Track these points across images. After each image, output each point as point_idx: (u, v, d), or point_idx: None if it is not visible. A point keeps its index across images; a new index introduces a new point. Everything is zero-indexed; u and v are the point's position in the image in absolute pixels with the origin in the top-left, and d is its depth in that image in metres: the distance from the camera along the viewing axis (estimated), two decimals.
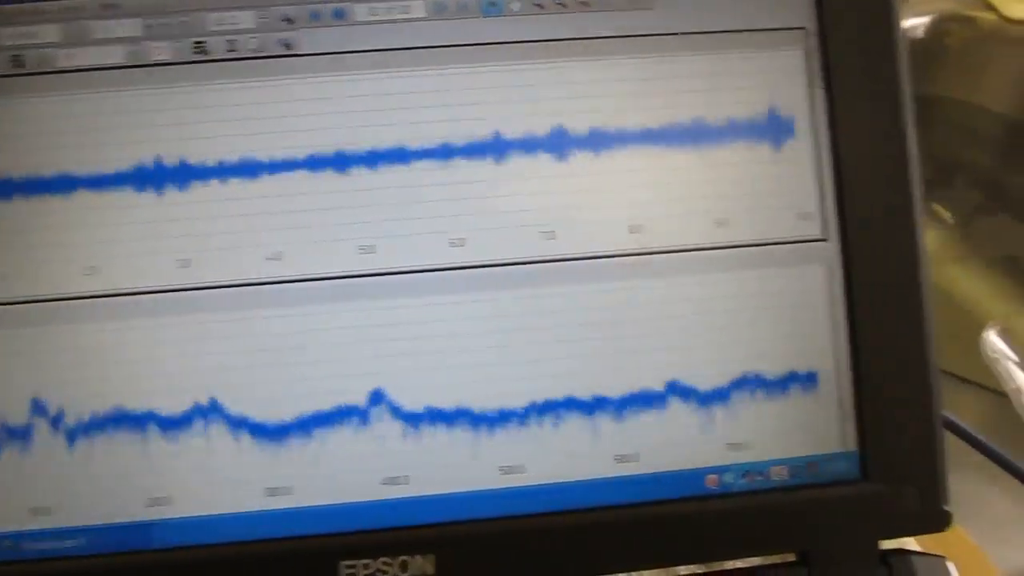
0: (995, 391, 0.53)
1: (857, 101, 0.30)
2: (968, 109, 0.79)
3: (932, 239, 0.83)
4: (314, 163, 0.28)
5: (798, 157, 0.30)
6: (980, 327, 0.57)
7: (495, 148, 0.29)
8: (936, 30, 0.76)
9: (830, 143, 0.30)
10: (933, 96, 0.80)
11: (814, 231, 0.30)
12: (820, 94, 0.30)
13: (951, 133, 0.83)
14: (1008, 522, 0.54)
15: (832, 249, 0.30)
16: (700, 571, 0.30)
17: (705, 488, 0.30)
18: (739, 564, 0.31)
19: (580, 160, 0.29)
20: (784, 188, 0.30)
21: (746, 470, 0.30)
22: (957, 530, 0.37)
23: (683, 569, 0.30)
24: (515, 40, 0.29)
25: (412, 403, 0.29)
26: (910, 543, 0.35)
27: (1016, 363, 0.49)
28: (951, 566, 0.31)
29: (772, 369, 0.30)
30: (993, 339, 0.48)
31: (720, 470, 0.30)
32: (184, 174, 0.28)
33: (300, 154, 0.28)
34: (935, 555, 0.31)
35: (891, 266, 0.30)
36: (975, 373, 0.56)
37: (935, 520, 0.30)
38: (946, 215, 0.83)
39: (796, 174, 0.30)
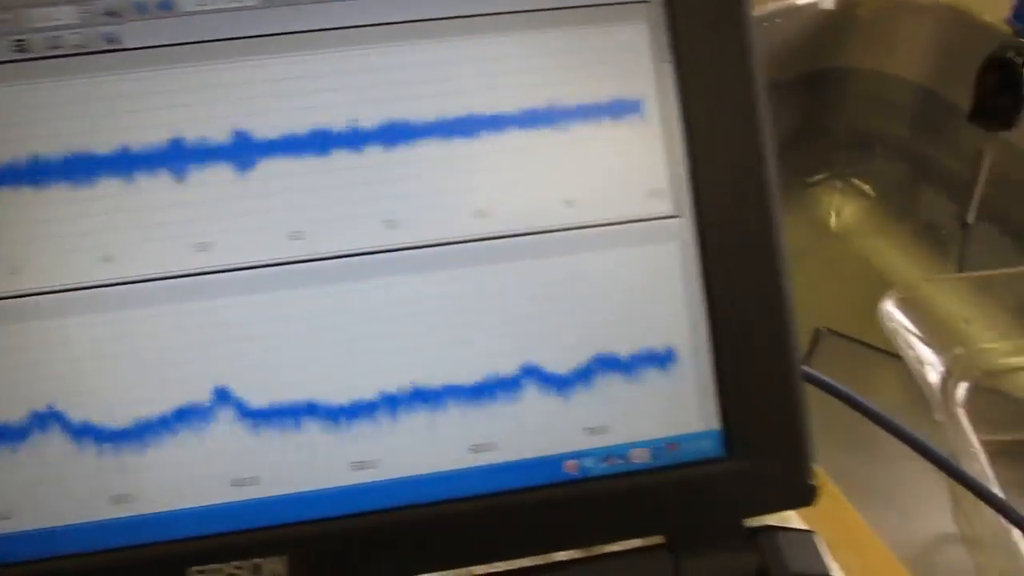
0: None
1: (706, 74, 0.30)
2: (882, 79, 0.79)
3: (853, 212, 0.83)
4: (143, 162, 0.27)
5: (647, 134, 0.29)
6: (933, 299, 0.57)
7: (328, 141, 0.28)
8: (846, 1, 0.76)
9: (679, 118, 0.29)
10: (846, 68, 0.80)
11: (666, 208, 0.29)
12: (667, 68, 0.30)
13: (866, 105, 0.83)
14: (902, 494, 0.55)
15: (685, 225, 0.29)
16: (563, 558, 0.30)
17: (564, 474, 0.29)
18: (606, 549, 0.30)
19: (420, 148, 0.28)
20: (633, 166, 0.29)
21: (606, 454, 0.29)
22: (842, 502, 0.37)
23: (547, 557, 0.30)
24: (347, 25, 0.28)
25: (258, 400, 0.28)
26: (793, 518, 0.35)
27: (914, 334, 0.49)
28: (820, 540, 0.31)
29: (628, 350, 0.29)
30: (890, 309, 0.48)
31: (579, 455, 0.29)
32: (7, 177, 0.27)
33: (129, 151, 0.27)
34: (803, 530, 0.31)
35: (747, 240, 0.30)
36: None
37: (801, 495, 0.30)
38: (866, 188, 0.83)
39: (645, 151, 0.29)
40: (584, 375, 0.29)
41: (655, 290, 0.29)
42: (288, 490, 0.28)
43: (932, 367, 0.49)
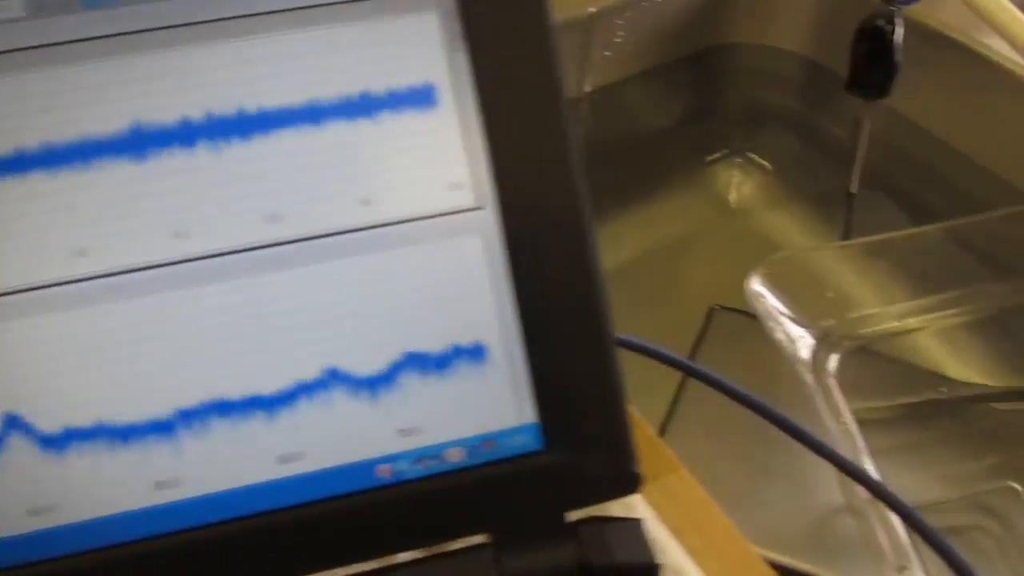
0: None
1: (502, 61, 0.29)
2: (767, 53, 0.79)
3: (752, 187, 0.83)
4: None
5: (443, 125, 0.29)
6: (802, 272, 0.57)
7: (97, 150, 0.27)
8: None
9: (477, 108, 0.29)
10: (731, 44, 0.80)
11: (467, 201, 0.29)
12: (461, 57, 0.29)
13: (756, 79, 0.83)
14: (801, 467, 0.55)
15: (489, 217, 0.29)
16: (378, 566, 0.29)
17: (377, 479, 0.29)
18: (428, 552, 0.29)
19: (206, 154, 0.27)
20: (431, 159, 0.29)
21: (419, 456, 0.29)
22: (691, 484, 0.37)
23: (361, 566, 0.29)
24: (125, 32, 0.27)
25: (51, 425, 0.27)
26: (639, 505, 0.35)
27: (781, 311, 0.49)
28: (647, 527, 0.30)
29: (436, 348, 0.29)
30: (755, 288, 0.48)
31: (391, 459, 0.29)
32: None
33: None
34: (629, 518, 0.30)
35: (554, 228, 0.29)
36: None
37: (625, 484, 0.30)
38: (764, 162, 0.84)
39: (443, 143, 0.29)
40: (392, 376, 0.28)
41: (461, 285, 0.29)
42: (86, 516, 0.27)
43: (802, 341, 0.49)
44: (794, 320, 0.49)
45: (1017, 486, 0.57)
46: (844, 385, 0.53)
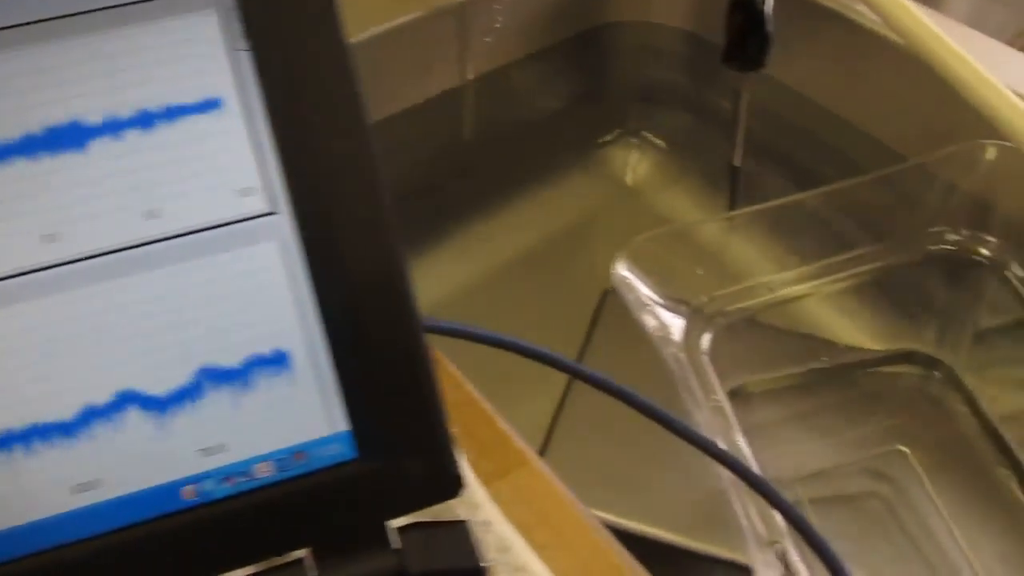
0: None
1: (289, 58, 0.28)
2: (651, 30, 0.79)
3: (647, 166, 0.83)
4: None
5: (229, 128, 0.28)
6: (670, 251, 0.56)
7: None
8: None
9: (264, 108, 0.28)
10: (616, 22, 0.80)
11: (260, 206, 0.28)
12: (244, 56, 0.28)
13: (643, 57, 0.83)
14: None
15: (284, 221, 0.28)
16: None
17: (182, 502, 0.27)
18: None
19: None
20: (219, 165, 0.27)
21: (226, 474, 0.28)
22: (544, 479, 0.36)
23: None
24: None
25: None
26: (485, 503, 0.34)
27: (648, 295, 0.48)
28: (473, 528, 0.29)
29: (236, 360, 0.27)
30: (620, 271, 0.47)
31: (196, 479, 0.27)
32: None
33: None
34: (455, 521, 0.29)
35: (355, 227, 0.28)
36: None
37: (446, 488, 0.29)
38: (657, 140, 0.83)
39: (230, 148, 0.28)
40: (190, 394, 0.27)
41: (259, 293, 0.28)
42: None
43: (673, 322, 0.49)
44: (663, 302, 0.49)
45: (905, 449, 0.57)
46: (723, 361, 0.53)
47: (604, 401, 0.55)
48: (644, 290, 0.48)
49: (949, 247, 0.54)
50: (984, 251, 0.54)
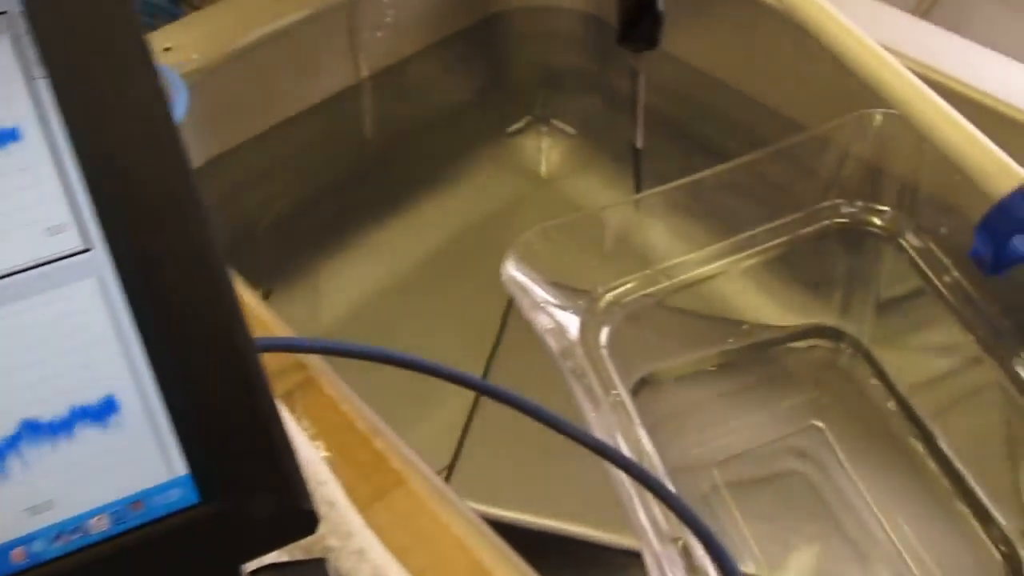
0: None
1: (91, 83, 0.26)
2: (548, 14, 0.78)
3: (559, 153, 0.82)
4: None
5: (32, 163, 0.26)
6: (562, 245, 0.55)
7: None
8: None
9: (69, 138, 0.26)
10: (516, 8, 0.78)
11: (72, 243, 0.26)
12: (43, 84, 0.26)
13: (546, 42, 0.81)
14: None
15: (100, 258, 0.26)
16: None
17: (11, 566, 0.26)
18: None
19: None
20: (24, 203, 0.26)
21: (57, 532, 0.26)
22: (421, 502, 0.35)
23: None
24: None
25: None
26: (359, 531, 0.33)
27: (539, 294, 0.47)
28: (335, 563, 0.28)
29: (58, 410, 0.26)
30: (510, 272, 0.46)
31: (26, 540, 0.26)
32: None
33: None
34: (312, 559, 0.28)
35: (178, 256, 0.26)
36: None
37: (300, 524, 0.27)
38: (567, 127, 0.82)
39: (35, 183, 0.26)
40: (12, 450, 0.25)
41: (81, 336, 0.26)
42: None
43: (568, 320, 0.47)
44: (555, 300, 0.47)
45: (820, 424, 0.57)
46: (630, 351, 0.52)
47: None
48: (535, 288, 0.46)
49: (844, 219, 0.53)
50: (878, 221, 0.53)
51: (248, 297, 0.43)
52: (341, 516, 0.33)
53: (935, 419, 0.53)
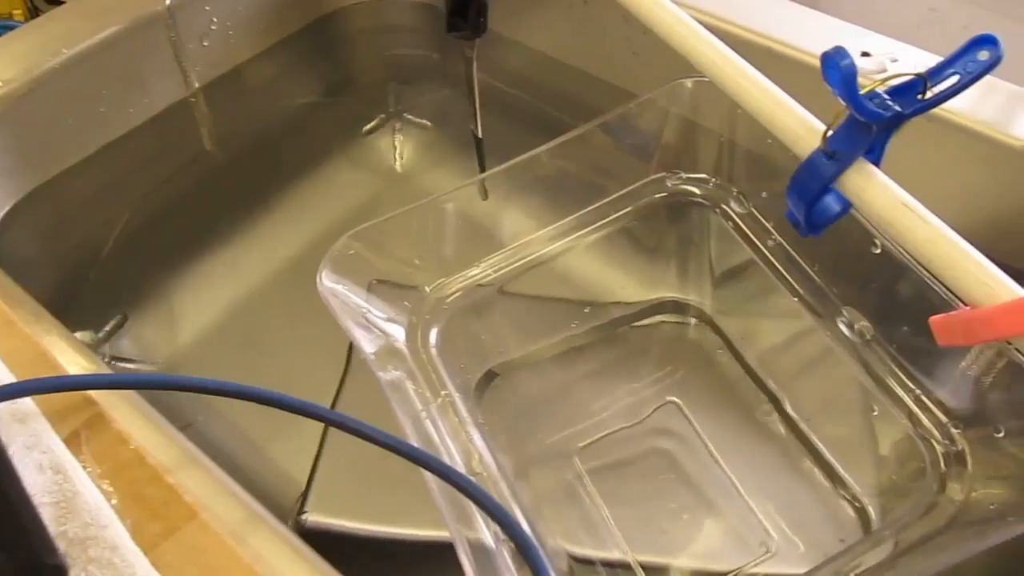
0: None
1: None
2: (385, 7, 0.76)
3: (414, 149, 0.80)
4: None
5: None
6: (424, 237, 0.53)
7: None
8: None
9: None
10: (345, 7, 0.76)
11: None
12: None
13: (384, 37, 0.80)
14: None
15: None
16: None
17: None
18: None
19: None
20: None
21: None
22: (214, 534, 0.33)
23: None
24: None
25: None
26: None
27: (354, 303, 0.45)
28: None
29: None
30: (325, 283, 0.44)
31: None
32: None
33: None
34: None
35: None
36: None
37: None
38: (423, 121, 0.80)
39: None
40: None
41: None
42: None
43: (391, 327, 0.46)
44: (376, 309, 0.46)
45: (676, 399, 0.56)
46: (464, 347, 0.50)
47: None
48: (352, 296, 0.45)
49: (670, 191, 0.52)
50: (701, 191, 0.52)
51: (39, 333, 0.41)
52: (124, 559, 0.31)
53: (780, 384, 0.53)
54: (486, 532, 0.39)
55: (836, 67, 0.37)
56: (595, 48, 0.67)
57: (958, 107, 0.56)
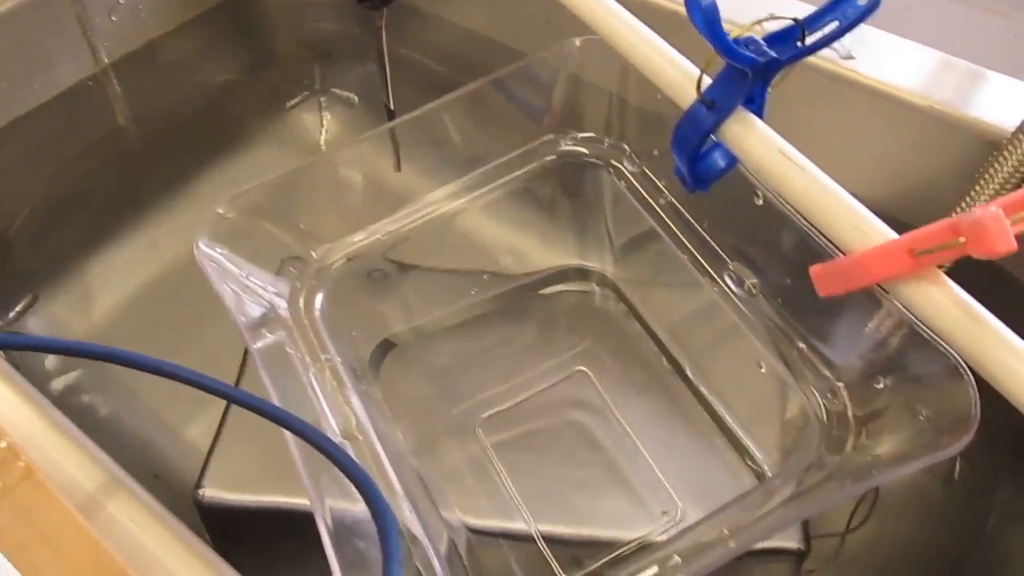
0: None
1: None
2: None
3: (340, 124, 0.79)
4: None
5: None
6: (357, 190, 0.52)
7: None
8: None
9: None
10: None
11: None
12: None
13: (302, 11, 0.79)
14: None
15: None
16: None
17: None
18: None
19: None
20: None
21: None
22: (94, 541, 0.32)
23: None
24: None
25: None
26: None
27: (236, 270, 0.43)
28: None
29: None
30: (203, 249, 0.42)
31: None
32: None
33: None
34: None
35: None
36: None
37: None
38: (348, 95, 0.79)
39: None
40: None
41: None
42: None
43: (272, 296, 0.45)
44: (256, 277, 0.44)
45: (584, 368, 0.56)
46: (354, 316, 0.49)
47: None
48: (230, 265, 0.43)
49: (562, 153, 0.51)
50: (592, 150, 0.51)
51: None
52: None
53: (682, 349, 0.52)
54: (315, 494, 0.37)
55: (697, 6, 0.36)
56: (512, 20, 0.66)
57: (863, 68, 0.55)
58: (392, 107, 0.64)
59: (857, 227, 0.35)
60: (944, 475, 0.56)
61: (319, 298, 0.46)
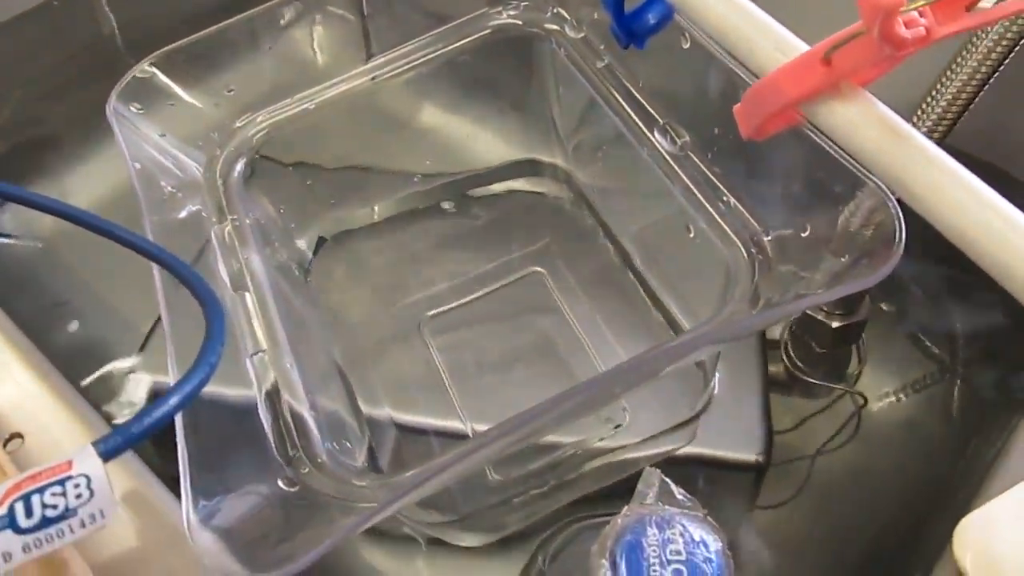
0: None
1: None
2: None
3: (334, 40, 0.76)
4: None
5: None
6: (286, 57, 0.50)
7: None
8: None
9: None
10: None
11: None
12: None
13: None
14: None
15: None
16: None
17: None
18: None
19: None
20: None
21: None
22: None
23: None
24: None
25: None
26: None
27: (150, 133, 0.41)
28: None
29: None
30: (116, 107, 0.40)
31: None
32: None
33: None
34: None
35: None
36: None
37: None
38: (338, 10, 0.77)
39: None
40: None
41: None
42: None
43: (186, 160, 0.43)
44: (175, 137, 0.42)
45: (541, 269, 0.53)
46: (277, 195, 0.47)
47: None
48: (146, 128, 0.42)
49: (501, 26, 0.48)
50: (533, 19, 0.48)
51: None
52: None
53: (630, 238, 0.49)
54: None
55: None
56: None
57: None
58: (366, 12, 0.61)
59: (777, 48, 0.32)
60: (940, 412, 0.52)
61: (238, 166, 0.44)
